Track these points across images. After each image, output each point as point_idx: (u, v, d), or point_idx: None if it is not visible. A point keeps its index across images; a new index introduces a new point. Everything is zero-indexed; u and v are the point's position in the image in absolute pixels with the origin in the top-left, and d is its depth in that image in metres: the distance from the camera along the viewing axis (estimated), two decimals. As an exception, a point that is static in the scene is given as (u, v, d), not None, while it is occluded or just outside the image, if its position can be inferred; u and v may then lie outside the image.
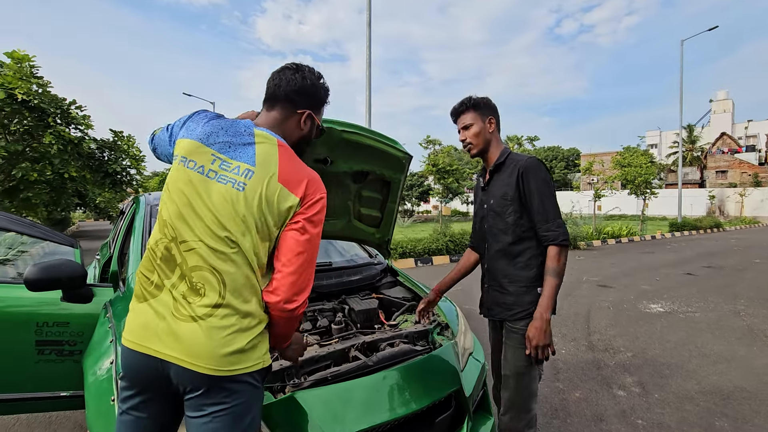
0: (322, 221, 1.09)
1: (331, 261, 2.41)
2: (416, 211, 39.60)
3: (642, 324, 4.67)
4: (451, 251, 9.89)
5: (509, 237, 1.62)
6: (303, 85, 1.15)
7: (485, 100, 1.70)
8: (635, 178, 17.41)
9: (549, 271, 1.54)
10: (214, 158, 1.05)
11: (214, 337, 0.95)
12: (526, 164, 1.58)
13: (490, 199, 1.69)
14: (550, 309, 1.52)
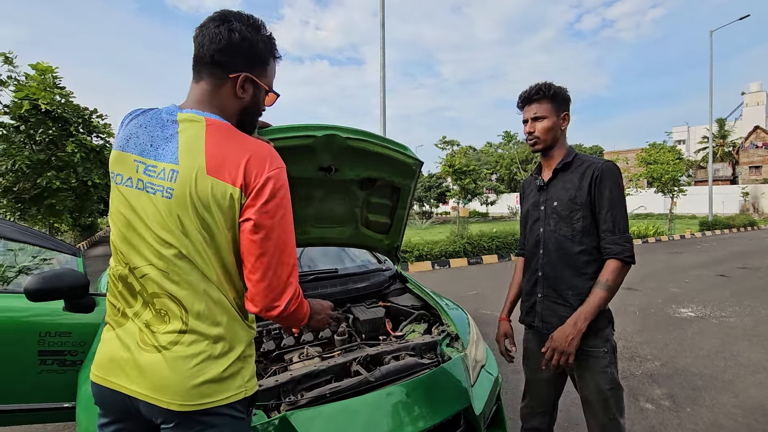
0: (281, 206, 0.88)
1: (336, 268, 2.32)
2: (435, 212, 39.35)
3: (671, 330, 4.41)
4: (469, 253, 9.69)
5: (576, 245, 1.46)
6: (231, 40, 0.89)
7: (564, 91, 1.51)
8: (662, 175, 16.75)
9: (601, 283, 1.38)
10: (138, 164, 0.88)
11: (180, 369, 0.84)
12: (602, 168, 1.43)
13: (553, 201, 1.52)
14: (588, 320, 1.36)
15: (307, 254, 2.52)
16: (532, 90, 1.51)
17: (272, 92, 1.02)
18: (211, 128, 0.89)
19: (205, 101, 0.93)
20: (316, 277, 2.14)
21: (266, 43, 0.95)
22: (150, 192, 0.87)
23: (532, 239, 1.61)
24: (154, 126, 0.90)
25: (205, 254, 0.87)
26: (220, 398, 0.86)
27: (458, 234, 9.94)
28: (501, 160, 38.56)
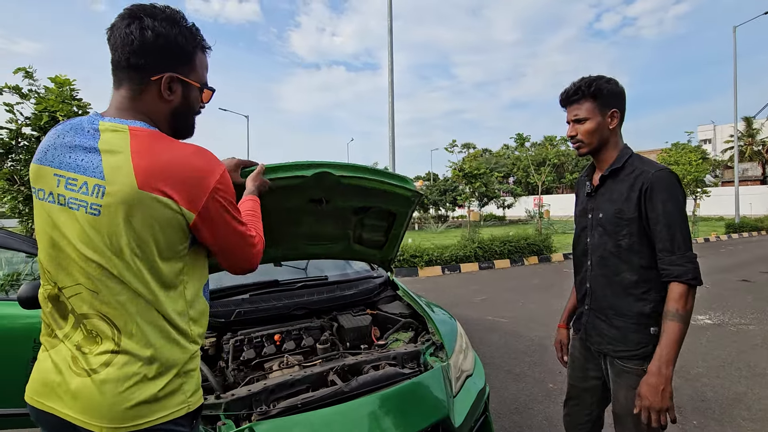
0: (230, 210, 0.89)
1: (327, 275, 2.33)
2: (451, 216, 39.08)
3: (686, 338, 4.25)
4: (480, 258, 9.58)
5: (622, 263, 1.32)
6: (144, 39, 0.82)
7: (611, 86, 1.32)
8: (684, 176, 16.24)
9: (670, 314, 1.21)
10: (58, 178, 0.82)
11: (111, 392, 0.80)
12: (653, 179, 1.24)
13: (599, 211, 1.39)
14: (673, 362, 1.20)
15: (302, 262, 2.53)
16: (571, 90, 1.37)
17: (206, 88, 0.96)
18: (135, 138, 0.81)
19: (128, 108, 0.87)
20: (305, 284, 2.15)
21: (187, 36, 0.87)
22: (73, 208, 0.80)
23: (580, 247, 1.50)
24: (73, 136, 0.83)
25: (138, 272, 0.82)
26: (158, 416, 0.83)
27: (469, 238, 9.84)
28: (518, 162, 38.09)
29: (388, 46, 9.10)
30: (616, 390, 1.39)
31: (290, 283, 2.12)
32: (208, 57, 0.96)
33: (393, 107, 9.23)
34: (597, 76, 1.34)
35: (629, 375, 1.34)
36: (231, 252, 0.94)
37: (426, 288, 7.23)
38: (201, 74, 0.94)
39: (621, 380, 1.36)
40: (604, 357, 1.44)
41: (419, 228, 27.18)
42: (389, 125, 9.18)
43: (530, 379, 3.26)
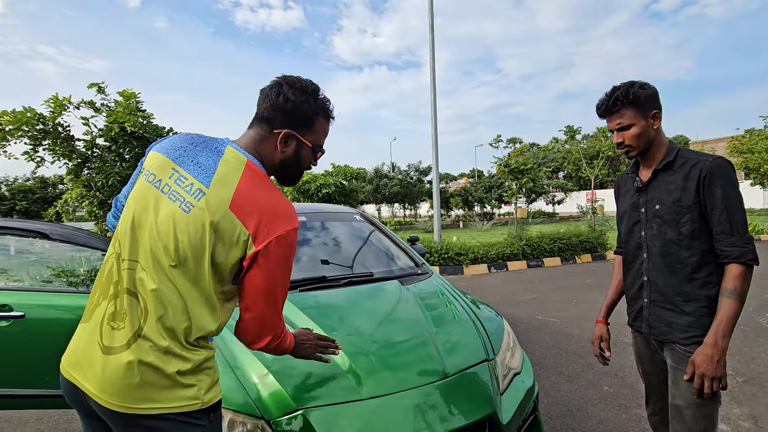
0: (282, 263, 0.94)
1: (372, 272, 2.37)
2: (497, 213, 38.13)
3: (761, 342, 3.88)
4: (528, 256, 9.27)
5: (684, 250, 1.36)
6: (276, 102, 1.01)
7: (646, 91, 1.38)
8: (760, 165, 14.74)
9: (727, 291, 1.27)
10: (173, 172, 0.95)
11: (125, 374, 0.86)
12: (711, 167, 1.31)
13: (655, 203, 1.43)
14: (728, 336, 1.26)
15: (345, 255, 2.60)
16: (608, 101, 1.41)
17: (319, 149, 1.10)
18: (250, 170, 0.97)
19: (252, 146, 1.02)
20: (350, 280, 2.20)
21: (312, 105, 1.03)
22: (171, 199, 0.92)
23: (633, 241, 1.52)
24: (202, 148, 0.99)
25: (193, 272, 0.90)
26: (168, 406, 0.88)
27: (516, 236, 9.56)
28: (568, 155, 36.43)
29: (430, 43, 9.04)
30: (677, 378, 1.38)
31: (337, 279, 2.19)
32: (330, 125, 1.11)
33: (435, 106, 9.16)
34: (629, 83, 1.39)
35: None
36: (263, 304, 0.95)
37: (472, 286, 7.12)
38: (317, 137, 1.09)
39: (683, 366, 1.35)
40: (664, 345, 1.44)
41: (464, 226, 26.76)
42: (432, 123, 9.12)
43: (584, 381, 3.12)
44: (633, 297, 1.54)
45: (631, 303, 1.56)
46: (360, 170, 15.35)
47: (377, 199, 34.35)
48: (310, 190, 13.68)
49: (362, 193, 16.46)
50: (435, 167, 9.70)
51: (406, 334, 1.74)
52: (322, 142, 1.11)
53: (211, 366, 0.98)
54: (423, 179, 35.23)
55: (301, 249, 2.56)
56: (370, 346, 1.62)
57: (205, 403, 0.94)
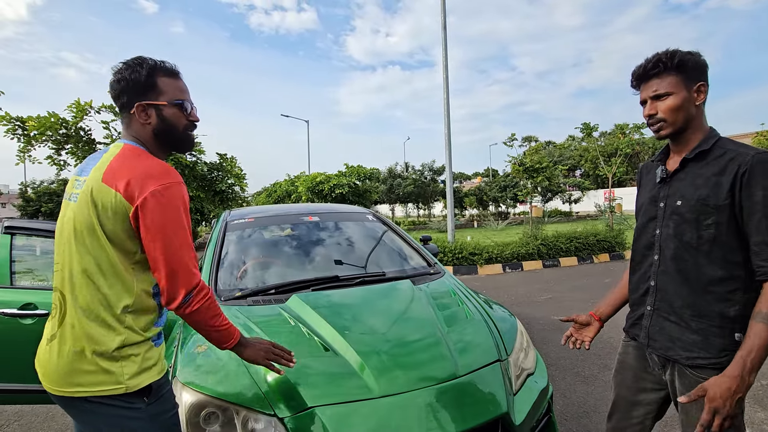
0: (167, 216, 0.99)
1: (384, 271, 2.38)
2: (512, 213, 37.72)
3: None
4: (544, 256, 9.15)
5: (703, 257, 1.17)
6: (116, 88, 1.09)
7: (695, 56, 1.18)
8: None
9: (761, 315, 1.06)
10: (75, 182, 1.10)
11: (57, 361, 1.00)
12: (753, 162, 1.09)
13: (677, 198, 1.22)
14: (757, 369, 1.05)
15: (358, 255, 2.62)
16: (649, 63, 1.21)
17: (181, 103, 1.12)
18: (123, 151, 1.06)
19: (128, 134, 1.12)
20: (363, 280, 2.21)
21: (142, 70, 1.07)
22: (70, 201, 1.07)
23: (644, 239, 1.33)
24: (99, 154, 1.11)
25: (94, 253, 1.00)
26: (94, 390, 0.99)
27: (531, 235, 9.44)
28: (586, 153, 35.80)
29: (442, 42, 9.00)
30: (688, 407, 1.20)
31: (349, 279, 2.20)
32: (179, 79, 1.14)
33: (448, 105, 9.12)
34: (676, 49, 1.20)
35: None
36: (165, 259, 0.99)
37: (486, 286, 7.07)
38: (171, 94, 1.11)
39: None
40: (672, 365, 1.26)
41: (478, 226, 26.56)
42: (444, 123, 9.08)
43: (601, 383, 3.07)
44: (635, 302, 1.37)
45: (632, 308, 1.39)
46: (374, 170, 15.37)
47: (391, 199, 34.36)
48: (323, 191, 13.77)
49: (376, 194, 16.50)
50: (448, 166, 9.66)
51: (419, 333, 1.74)
52: (182, 96, 1.13)
53: (138, 353, 1.04)
54: (437, 179, 35.09)
55: (314, 249, 2.59)
56: (382, 345, 1.63)
57: (130, 388, 1.01)
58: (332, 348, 1.58)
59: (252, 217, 2.84)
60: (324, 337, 1.64)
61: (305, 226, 2.79)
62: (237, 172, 9.84)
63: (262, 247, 2.61)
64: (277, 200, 23.13)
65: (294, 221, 2.85)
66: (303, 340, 1.65)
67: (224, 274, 2.27)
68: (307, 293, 2.00)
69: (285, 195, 22.41)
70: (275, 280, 2.24)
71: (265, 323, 1.76)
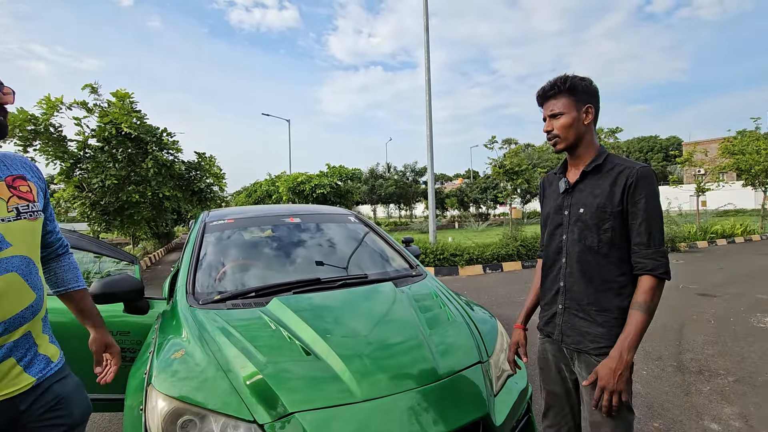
0: None
1: (366, 274, 2.37)
2: (492, 214, 38.25)
3: (752, 342, 3.92)
4: (523, 256, 9.31)
5: (602, 258, 1.34)
6: None
7: (586, 82, 1.37)
8: (751, 166, 14.90)
9: (638, 304, 1.26)
10: None
11: None
12: (638, 174, 1.29)
13: (579, 207, 1.40)
14: (634, 349, 1.25)
15: (339, 257, 2.60)
16: (547, 86, 1.40)
17: None
18: None
19: None
20: (345, 282, 2.20)
21: None
22: None
23: (553, 246, 1.49)
24: None
25: None
26: None
27: (511, 236, 9.60)
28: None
29: (425, 44, 9.05)
30: (589, 389, 1.35)
31: (331, 281, 2.19)
32: None
33: (430, 106, 9.18)
34: (571, 75, 1.38)
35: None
36: None
37: (467, 287, 7.14)
38: None
39: None
40: (580, 356, 1.40)
41: (459, 227, 26.82)
42: (426, 124, 9.14)
43: (577, 382, 3.14)
44: (548, 302, 1.51)
45: (545, 308, 1.54)
46: (355, 171, 15.34)
47: (372, 200, 34.36)
48: (305, 191, 13.66)
49: (357, 194, 16.46)
50: (430, 168, 9.71)
51: (401, 336, 1.74)
52: None
53: None
54: (418, 180, 35.28)
55: (295, 251, 2.56)
56: (364, 348, 1.62)
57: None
58: (314, 352, 1.57)
59: (232, 218, 2.79)
60: (305, 341, 1.62)
61: (286, 227, 2.76)
62: (216, 171, 9.65)
63: (242, 249, 2.56)
64: (258, 200, 22.81)
65: (275, 222, 2.81)
66: (284, 344, 1.62)
67: (202, 276, 2.22)
68: (288, 296, 1.98)
69: (265, 195, 22.11)
70: (255, 282, 2.21)
71: (245, 327, 1.73)
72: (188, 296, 2.01)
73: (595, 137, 1.43)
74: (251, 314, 1.85)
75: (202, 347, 1.58)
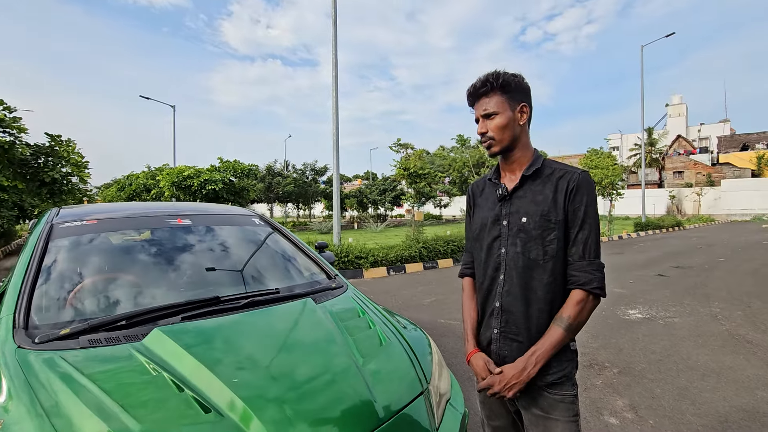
0: None
1: (278, 288, 1.96)
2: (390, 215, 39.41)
3: (623, 333, 4.46)
4: (425, 258, 9.58)
5: (547, 273, 1.20)
6: None
7: (518, 78, 1.25)
8: (602, 179, 17.80)
9: (561, 319, 1.16)
10: None
11: None
12: (580, 180, 1.20)
13: (521, 216, 1.24)
14: (540, 365, 1.16)
15: (245, 270, 2.14)
16: (479, 82, 1.26)
17: None
18: None
19: None
20: (253, 301, 1.77)
21: None
22: None
23: (490, 261, 1.29)
24: None
25: None
26: None
27: (414, 238, 9.80)
28: (454, 163, 39.50)
29: (332, 38, 8.71)
30: (547, 424, 1.20)
31: (234, 300, 1.74)
32: None
33: (337, 103, 8.88)
34: (502, 70, 1.25)
35: (565, 405, 1.19)
36: None
37: (374, 290, 7.00)
38: None
39: (556, 413, 1.19)
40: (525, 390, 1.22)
41: (358, 227, 26.96)
42: (333, 121, 8.81)
43: (490, 386, 3.14)
44: (483, 327, 1.34)
45: (482, 330, 1.34)
46: (252, 167, 14.22)
47: (270, 199, 32.72)
48: (192, 187, 12.18)
49: (253, 192, 15.31)
50: (335, 167, 9.40)
51: (330, 371, 1.40)
52: None
53: None
54: (318, 179, 34.64)
55: (185, 262, 2.03)
56: (284, 393, 1.25)
57: None
58: (214, 406, 1.14)
59: (93, 218, 2.12)
60: (201, 391, 1.19)
61: (171, 230, 2.19)
62: (76, 159, 7.92)
63: (108, 260, 1.93)
64: (132, 196, 19.87)
65: (155, 224, 2.22)
66: (170, 396, 1.17)
67: (43, 299, 1.59)
68: (175, 325, 1.50)
69: (143, 190, 19.37)
70: (126, 307, 1.65)
71: (109, 376, 1.22)
72: (16, 331, 1.40)
73: (530, 140, 1.31)
74: (119, 354, 1.33)
75: (33, 415, 1.05)
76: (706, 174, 40.13)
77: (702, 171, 40.88)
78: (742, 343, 4.07)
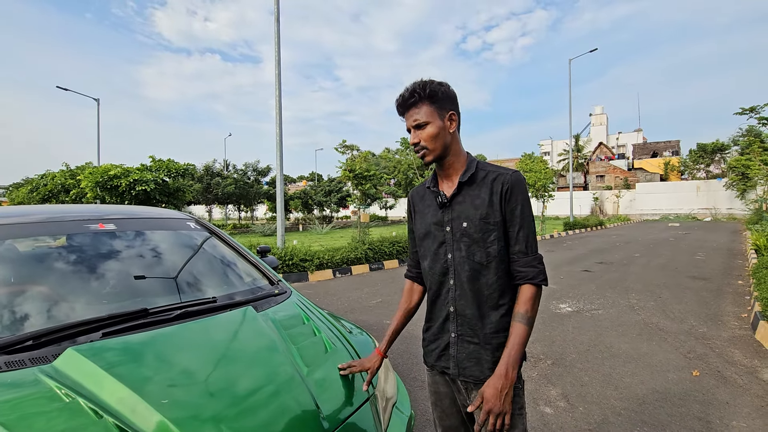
0: None
1: (215, 297, 1.84)
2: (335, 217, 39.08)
3: (555, 326, 4.77)
4: (371, 259, 9.59)
5: (493, 274, 1.24)
6: None
7: (444, 87, 1.27)
8: (535, 182, 19.02)
9: (520, 315, 1.20)
10: None
11: None
12: (513, 181, 1.24)
13: (462, 220, 1.27)
14: (518, 365, 1.19)
15: (178, 278, 1.99)
16: (407, 92, 1.27)
17: None
18: None
19: None
20: (186, 312, 1.64)
21: None
22: None
23: (437, 266, 1.32)
24: None
25: None
26: None
27: (360, 240, 9.78)
28: (399, 165, 40.17)
29: (275, 34, 8.44)
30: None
31: (165, 311, 1.60)
32: None
33: (280, 102, 8.62)
34: (429, 80, 1.28)
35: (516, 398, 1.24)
36: None
37: (318, 293, 6.87)
38: None
39: None
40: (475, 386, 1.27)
41: (303, 229, 26.44)
42: (276, 121, 8.54)
43: (435, 385, 3.20)
44: (437, 331, 1.35)
45: (434, 339, 1.36)
46: (188, 166, 13.39)
47: (208, 200, 31.04)
48: (119, 187, 11.20)
49: (190, 193, 14.42)
50: (279, 168, 9.12)
51: (273, 383, 1.33)
52: None
53: None
54: (261, 180, 33.48)
55: (108, 271, 1.83)
56: (222, 410, 1.16)
57: None
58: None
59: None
60: (124, 416, 1.07)
61: (92, 236, 1.97)
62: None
63: (13, 270, 1.69)
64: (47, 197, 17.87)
65: (72, 229, 1.98)
66: (86, 425, 1.04)
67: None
68: (94, 342, 1.34)
69: (60, 191, 17.51)
70: (35, 324, 1.45)
71: (8, 408, 1.06)
72: None
73: (461, 146, 1.34)
74: (21, 380, 1.17)
75: None
76: (623, 178, 44.47)
77: (620, 175, 45.28)
78: (655, 331, 4.52)
